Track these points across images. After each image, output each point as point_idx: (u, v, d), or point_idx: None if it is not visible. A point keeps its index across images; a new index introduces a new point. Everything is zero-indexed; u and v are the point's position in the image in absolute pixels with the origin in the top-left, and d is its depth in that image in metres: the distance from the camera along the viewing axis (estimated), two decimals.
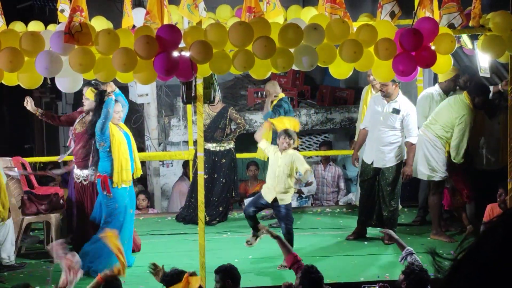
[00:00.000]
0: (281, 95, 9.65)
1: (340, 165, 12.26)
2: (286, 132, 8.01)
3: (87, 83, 7.93)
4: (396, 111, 8.54)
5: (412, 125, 8.54)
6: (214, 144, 9.69)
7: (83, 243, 8.32)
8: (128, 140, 8.16)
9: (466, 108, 8.60)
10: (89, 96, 8.36)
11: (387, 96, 8.58)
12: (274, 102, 9.50)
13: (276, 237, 6.77)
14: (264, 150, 8.33)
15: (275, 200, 8.11)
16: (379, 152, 8.71)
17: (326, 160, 11.75)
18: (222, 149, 9.78)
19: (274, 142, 8.42)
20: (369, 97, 9.45)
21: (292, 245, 8.05)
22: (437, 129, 8.75)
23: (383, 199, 8.75)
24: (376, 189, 8.86)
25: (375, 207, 8.91)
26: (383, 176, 8.73)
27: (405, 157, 8.66)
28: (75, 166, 8.52)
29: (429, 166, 8.81)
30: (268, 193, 8.18)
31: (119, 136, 7.98)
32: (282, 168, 8.05)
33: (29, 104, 8.47)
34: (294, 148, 8.27)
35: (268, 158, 8.29)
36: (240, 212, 10.41)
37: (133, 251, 8.56)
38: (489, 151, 9.03)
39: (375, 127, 8.75)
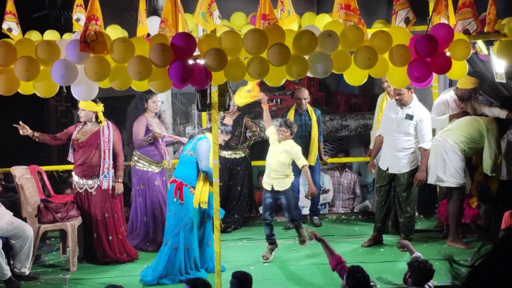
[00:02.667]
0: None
1: (355, 172, 12.24)
2: (286, 123, 8.35)
3: None
4: (410, 117, 8.56)
5: (426, 130, 8.53)
6: (229, 152, 9.70)
7: (94, 254, 8.38)
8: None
9: (492, 120, 8.70)
10: (84, 107, 8.48)
11: (403, 102, 8.61)
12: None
13: (320, 240, 6.79)
14: (269, 137, 8.58)
15: (273, 188, 8.35)
16: (394, 158, 8.72)
17: (342, 167, 11.74)
18: (237, 156, 9.79)
19: None
20: (385, 104, 9.45)
21: (299, 227, 8.19)
22: (460, 135, 8.74)
23: (399, 205, 8.74)
24: (392, 195, 8.84)
25: (391, 214, 8.90)
26: (398, 182, 8.72)
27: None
28: (76, 176, 8.60)
29: (448, 172, 8.77)
30: (265, 181, 8.48)
31: None
32: (278, 156, 8.32)
33: (25, 129, 8.54)
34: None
35: None
36: (256, 220, 10.42)
37: (130, 260, 8.64)
38: (509, 162, 8.93)
39: (390, 134, 8.76)
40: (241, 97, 8.71)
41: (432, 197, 9.92)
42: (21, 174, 8.74)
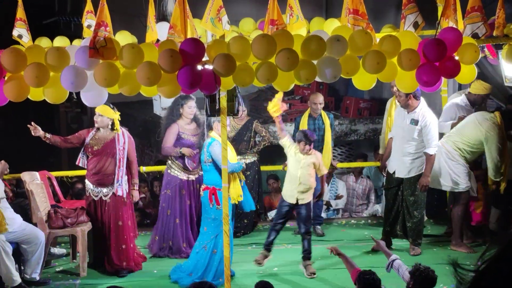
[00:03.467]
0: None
1: (365, 176, 12.21)
2: (306, 138, 8.14)
3: None
4: (415, 122, 8.57)
5: (431, 136, 8.51)
6: (238, 157, 9.70)
7: (104, 261, 8.37)
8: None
9: (493, 127, 8.56)
10: (102, 113, 8.42)
11: (404, 107, 8.62)
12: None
13: (340, 255, 6.70)
14: (284, 147, 8.43)
15: (297, 201, 8.22)
16: (400, 162, 8.75)
17: (359, 173, 11.66)
18: (246, 161, 9.80)
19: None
20: (393, 108, 9.45)
21: (310, 245, 8.12)
22: (459, 141, 8.73)
23: (407, 209, 8.74)
24: (400, 199, 8.85)
25: (399, 218, 8.89)
26: (405, 187, 8.74)
27: None
28: (91, 184, 8.54)
29: (448, 177, 8.81)
30: (289, 195, 8.32)
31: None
32: (305, 169, 8.18)
33: (37, 130, 8.44)
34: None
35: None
36: (265, 225, 10.42)
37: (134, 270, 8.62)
38: None
39: (398, 138, 8.83)
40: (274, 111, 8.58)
41: (441, 201, 9.90)
42: (31, 179, 8.77)
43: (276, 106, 8.31)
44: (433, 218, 10.17)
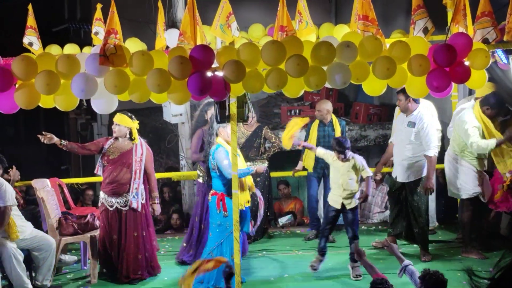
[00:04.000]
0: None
1: (385, 183, 12.11)
2: (339, 145, 8.16)
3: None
4: (412, 124, 8.60)
5: (428, 138, 8.50)
6: (248, 163, 9.68)
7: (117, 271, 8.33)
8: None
9: (472, 117, 8.53)
10: (119, 122, 8.32)
11: (404, 110, 8.68)
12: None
13: (361, 258, 6.63)
14: (323, 157, 8.49)
15: (343, 206, 8.23)
16: (400, 166, 8.80)
17: (380, 180, 11.60)
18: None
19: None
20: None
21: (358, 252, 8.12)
22: (455, 144, 8.73)
23: (413, 214, 8.74)
24: (404, 204, 8.86)
25: (402, 221, 8.91)
26: (408, 191, 8.77)
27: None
28: (105, 194, 8.38)
29: (455, 183, 8.79)
30: (335, 200, 8.31)
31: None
32: (346, 175, 8.19)
33: (50, 135, 8.25)
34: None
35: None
36: (276, 231, 10.41)
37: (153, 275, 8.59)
38: None
39: (398, 142, 8.88)
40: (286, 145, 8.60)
41: (452, 207, 9.86)
42: (42, 187, 8.79)
43: (287, 141, 8.36)
44: (444, 224, 10.13)
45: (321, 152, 8.50)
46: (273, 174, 10.49)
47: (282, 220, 10.85)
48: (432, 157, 8.47)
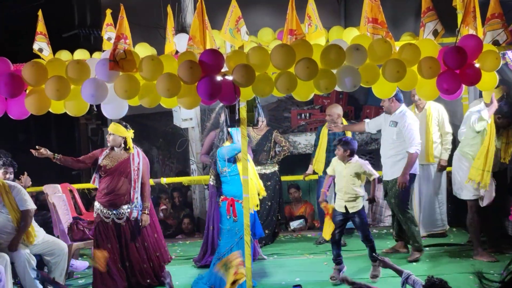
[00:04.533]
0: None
1: None
2: (340, 142, 8.18)
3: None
4: (394, 124, 8.73)
5: (410, 135, 8.60)
6: (259, 167, 9.69)
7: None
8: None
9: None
10: (114, 132, 8.19)
11: (388, 111, 8.83)
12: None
13: (352, 284, 6.59)
14: (331, 168, 8.42)
15: (347, 209, 8.18)
16: (384, 165, 8.94)
17: None
18: (267, 172, 9.79)
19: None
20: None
21: (374, 250, 8.08)
22: (463, 145, 8.72)
23: (397, 213, 8.86)
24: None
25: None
26: (390, 189, 8.84)
27: (415, 171, 8.81)
28: (101, 205, 8.20)
29: (458, 184, 8.79)
30: (338, 204, 8.29)
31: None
32: (347, 178, 8.15)
33: (43, 150, 8.10)
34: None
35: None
36: (287, 235, 10.40)
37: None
38: None
39: (382, 142, 9.04)
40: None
41: (463, 210, 9.82)
42: (53, 192, 8.82)
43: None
44: (456, 227, 10.09)
45: (328, 169, 8.45)
46: (284, 178, 10.48)
47: (294, 224, 10.84)
48: (413, 154, 8.59)
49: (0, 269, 7.31)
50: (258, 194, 8.23)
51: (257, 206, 8.13)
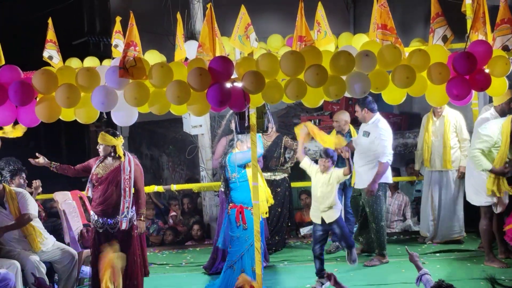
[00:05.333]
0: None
1: (401, 191, 12.07)
2: (325, 153, 8.14)
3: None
4: (366, 134, 8.81)
5: (382, 145, 8.70)
6: (269, 173, 9.68)
7: None
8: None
9: (495, 127, 8.48)
10: (102, 141, 7.99)
11: (362, 120, 8.93)
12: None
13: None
14: (306, 169, 8.39)
15: (323, 221, 8.16)
16: (357, 174, 8.98)
17: (394, 188, 11.51)
18: (277, 178, 9.78)
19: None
20: (430, 124, 9.50)
21: (354, 260, 8.17)
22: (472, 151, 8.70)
23: (368, 220, 8.97)
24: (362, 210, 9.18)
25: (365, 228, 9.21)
26: (363, 198, 8.95)
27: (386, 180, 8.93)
28: (96, 215, 7.99)
29: (472, 189, 8.71)
30: (314, 215, 8.29)
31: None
32: (325, 188, 8.14)
33: (41, 159, 8.10)
34: None
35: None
36: (297, 241, 10.39)
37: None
38: None
39: (356, 150, 9.06)
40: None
41: (476, 215, 9.78)
42: (64, 199, 8.84)
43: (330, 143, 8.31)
44: (467, 232, 10.03)
45: (306, 163, 8.33)
46: (294, 184, 10.47)
47: (304, 230, 10.82)
48: (384, 164, 8.69)
49: (10, 276, 7.32)
50: (267, 202, 8.23)
51: (266, 213, 8.12)
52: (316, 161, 8.46)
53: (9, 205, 7.90)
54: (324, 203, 8.13)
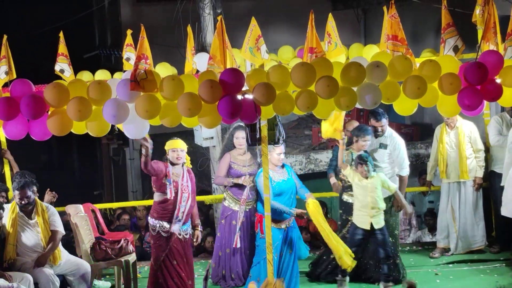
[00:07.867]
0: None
1: (409, 202, 12.07)
2: (360, 159, 8.21)
3: None
4: (384, 146, 8.72)
5: (401, 157, 8.67)
6: None
7: None
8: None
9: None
10: (184, 148, 8.21)
11: (379, 134, 8.79)
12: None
13: None
14: (347, 177, 8.44)
15: (372, 226, 8.19)
16: None
17: None
18: None
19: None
20: (444, 134, 9.43)
21: (390, 270, 8.22)
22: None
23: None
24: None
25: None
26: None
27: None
28: (155, 219, 8.02)
29: (509, 202, 8.51)
30: (362, 221, 8.27)
31: None
32: (374, 193, 8.19)
33: (148, 143, 7.71)
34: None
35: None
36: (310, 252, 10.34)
37: None
38: None
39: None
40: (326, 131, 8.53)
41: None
42: (76, 212, 8.85)
43: (332, 133, 8.35)
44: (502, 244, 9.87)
45: (349, 171, 8.40)
46: None
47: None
48: (405, 177, 8.68)
49: None
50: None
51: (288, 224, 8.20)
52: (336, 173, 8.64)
53: (37, 217, 8.02)
54: (376, 207, 8.21)
